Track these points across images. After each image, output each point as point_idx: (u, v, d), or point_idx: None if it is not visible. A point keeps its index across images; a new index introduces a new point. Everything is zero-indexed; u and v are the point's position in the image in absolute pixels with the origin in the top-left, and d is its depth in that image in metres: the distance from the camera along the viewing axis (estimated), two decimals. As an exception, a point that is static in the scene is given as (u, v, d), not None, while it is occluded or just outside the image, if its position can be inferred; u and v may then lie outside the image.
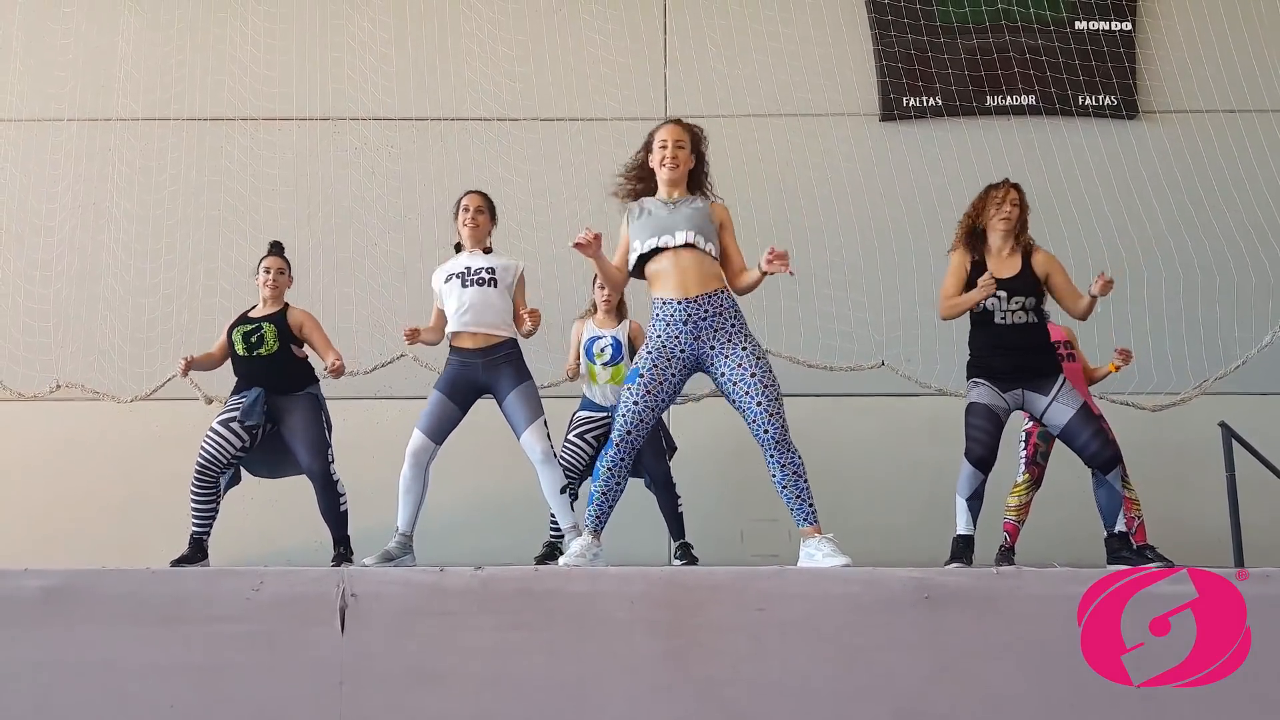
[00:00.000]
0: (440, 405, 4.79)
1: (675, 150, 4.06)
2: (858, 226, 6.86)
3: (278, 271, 5.22)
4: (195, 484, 4.97)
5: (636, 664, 3.13)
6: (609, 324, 5.58)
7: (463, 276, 4.86)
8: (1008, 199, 4.57)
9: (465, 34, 7.12)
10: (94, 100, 7.14)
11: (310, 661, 3.17)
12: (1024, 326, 4.47)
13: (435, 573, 3.27)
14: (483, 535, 6.21)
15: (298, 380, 5.09)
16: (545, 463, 4.78)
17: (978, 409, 4.46)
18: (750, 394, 3.81)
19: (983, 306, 4.48)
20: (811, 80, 7.08)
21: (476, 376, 4.82)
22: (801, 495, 3.84)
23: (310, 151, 7.12)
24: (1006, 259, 4.55)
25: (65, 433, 6.79)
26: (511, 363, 4.85)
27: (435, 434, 4.78)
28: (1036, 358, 4.48)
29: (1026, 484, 5.36)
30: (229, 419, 4.97)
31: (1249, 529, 5.37)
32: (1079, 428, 4.37)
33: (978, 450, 4.43)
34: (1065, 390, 4.44)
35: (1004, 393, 4.46)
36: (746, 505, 6.60)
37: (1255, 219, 6.68)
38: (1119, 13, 7.17)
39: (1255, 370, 6.21)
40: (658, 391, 3.88)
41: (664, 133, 4.11)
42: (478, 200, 5.05)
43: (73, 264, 7.03)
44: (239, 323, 5.16)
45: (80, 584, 3.29)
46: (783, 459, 3.82)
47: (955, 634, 3.08)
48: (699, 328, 3.90)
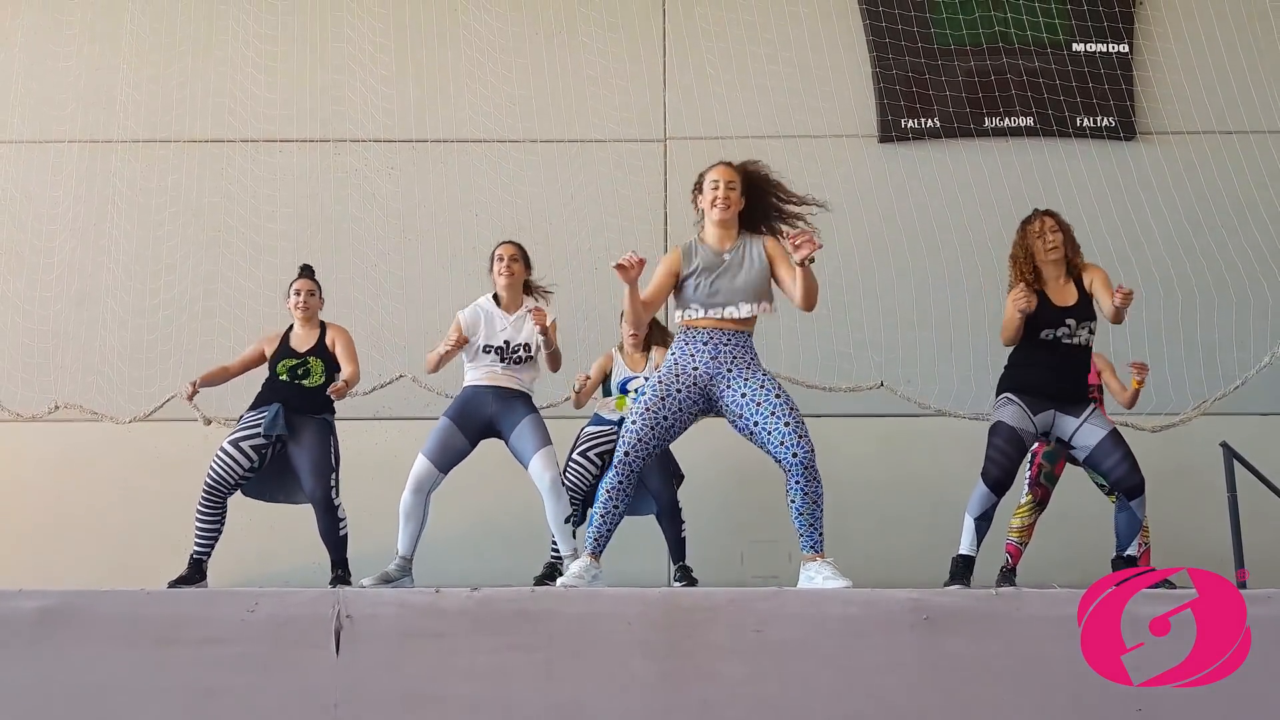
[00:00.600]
0: (449, 434, 4.80)
1: (727, 191, 3.96)
2: (856, 247, 6.86)
3: (308, 294, 5.25)
4: (202, 504, 4.97)
5: (633, 685, 3.11)
6: (639, 363, 5.51)
7: (501, 352, 4.91)
8: (1046, 228, 4.51)
9: (465, 56, 7.15)
10: (94, 122, 7.16)
11: (305, 683, 3.15)
12: (1079, 348, 4.44)
13: (431, 594, 3.26)
14: (480, 556, 6.19)
15: (319, 406, 5.12)
16: (553, 491, 4.79)
17: (1003, 430, 4.39)
18: (777, 414, 3.76)
19: (1052, 335, 4.42)
20: (810, 102, 7.10)
21: (486, 407, 4.85)
22: (816, 524, 3.80)
23: (310, 173, 7.14)
24: (1063, 287, 4.49)
25: (63, 453, 6.77)
26: (522, 399, 4.92)
27: (442, 463, 4.79)
28: (1077, 380, 4.44)
29: (1030, 505, 5.33)
30: (240, 439, 4.97)
31: (1250, 549, 5.35)
32: (1109, 450, 4.34)
33: (995, 472, 4.36)
34: (1096, 414, 4.43)
35: (1035, 414, 4.40)
36: (747, 527, 6.58)
37: (1254, 239, 6.69)
38: (1116, 35, 7.20)
39: (1256, 391, 6.19)
40: (659, 409, 3.81)
41: (714, 173, 4.00)
42: (512, 250, 5.06)
43: (72, 285, 7.03)
44: (283, 354, 5.16)
45: (75, 605, 3.28)
46: (807, 485, 3.77)
47: (954, 655, 3.06)
48: (718, 349, 3.86)
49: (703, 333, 3.89)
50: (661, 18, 7.28)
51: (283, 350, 5.21)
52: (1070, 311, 4.43)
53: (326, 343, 5.20)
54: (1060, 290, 4.49)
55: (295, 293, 5.25)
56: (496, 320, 4.99)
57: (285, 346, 5.22)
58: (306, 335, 5.22)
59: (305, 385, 5.09)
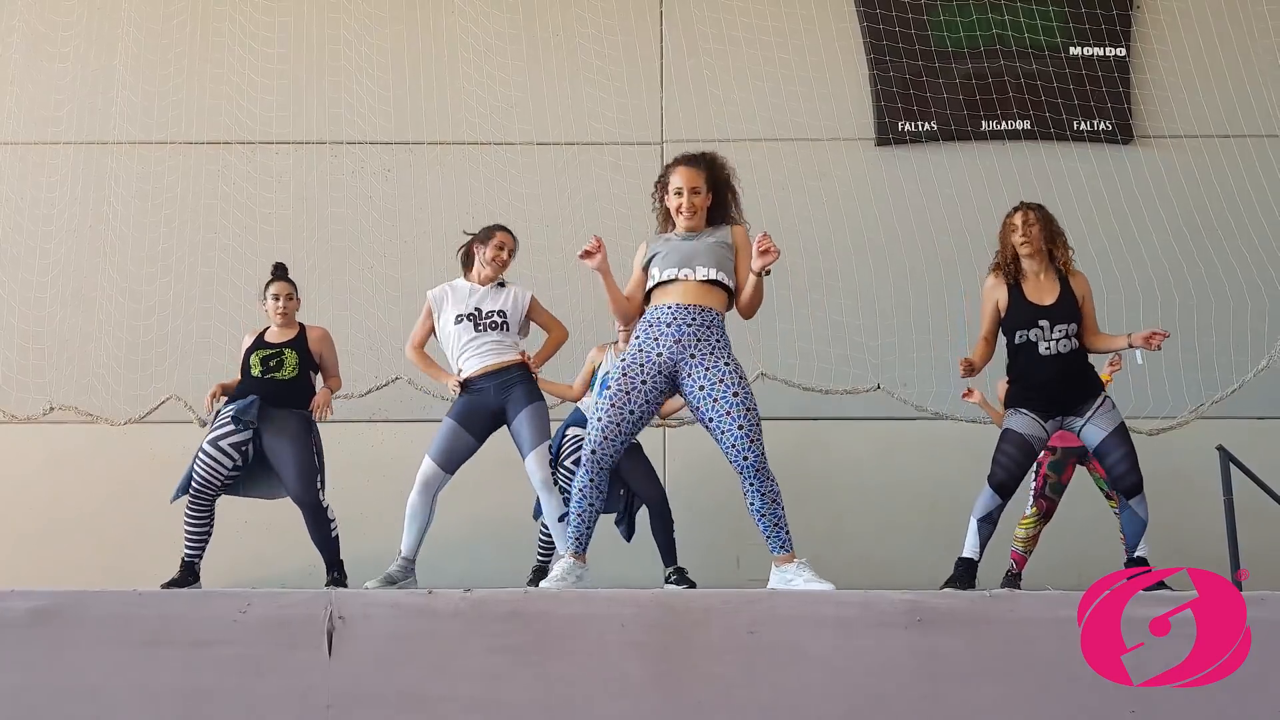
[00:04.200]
0: (454, 435, 4.75)
1: (690, 198, 3.91)
2: (853, 250, 6.87)
3: (286, 297, 5.12)
4: (190, 507, 4.94)
5: (627, 687, 3.09)
6: None
7: (474, 319, 4.84)
8: (1022, 222, 4.48)
9: (463, 59, 7.16)
10: (91, 123, 7.15)
11: (297, 685, 3.13)
12: (1067, 355, 4.37)
13: (424, 595, 3.24)
14: (475, 558, 6.18)
15: (296, 401, 5.07)
16: (545, 489, 4.77)
17: (1012, 436, 4.38)
18: (731, 415, 3.68)
19: (1025, 338, 4.39)
20: (807, 105, 7.11)
21: (489, 401, 4.79)
22: (779, 523, 3.75)
23: (308, 175, 7.14)
24: (1044, 283, 4.45)
25: (58, 455, 6.76)
26: (523, 384, 4.82)
27: (448, 464, 4.75)
28: (1077, 385, 4.40)
29: (1035, 517, 5.30)
30: (218, 437, 4.93)
31: (1246, 553, 5.34)
32: (1111, 448, 4.34)
33: (1000, 475, 4.35)
34: (1103, 411, 4.37)
35: (1044, 421, 4.39)
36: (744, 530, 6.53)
37: (1250, 243, 6.69)
38: (1113, 38, 7.20)
39: (1252, 394, 6.19)
40: (625, 404, 3.73)
41: (678, 178, 3.94)
42: (513, 243, 5.01)
43: (68, 286, 7.02)
44: (257, 347, 5.10)
45: (67, 605, 3.26)
46: (762, 486, 3.72)
47: (948, 657, 3.05)
48: (682, 332, 3.75)
49: (666, 312, 3.78)
50: (659, 21, 7.29)
51: (257, 343, 5.11)
52: (1045, 312, 4.37)
53: (310, 347, 5.11)
54: (1038, 287, 4.45)
55: (274, 298, 5.11)
56: (465, 290, 4.92)
57: (260, 341, 5.13)
58: (283, 333, 5.14)
59: (278, 378, 4.99)
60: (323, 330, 5.22)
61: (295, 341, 5.09)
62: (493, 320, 4.84)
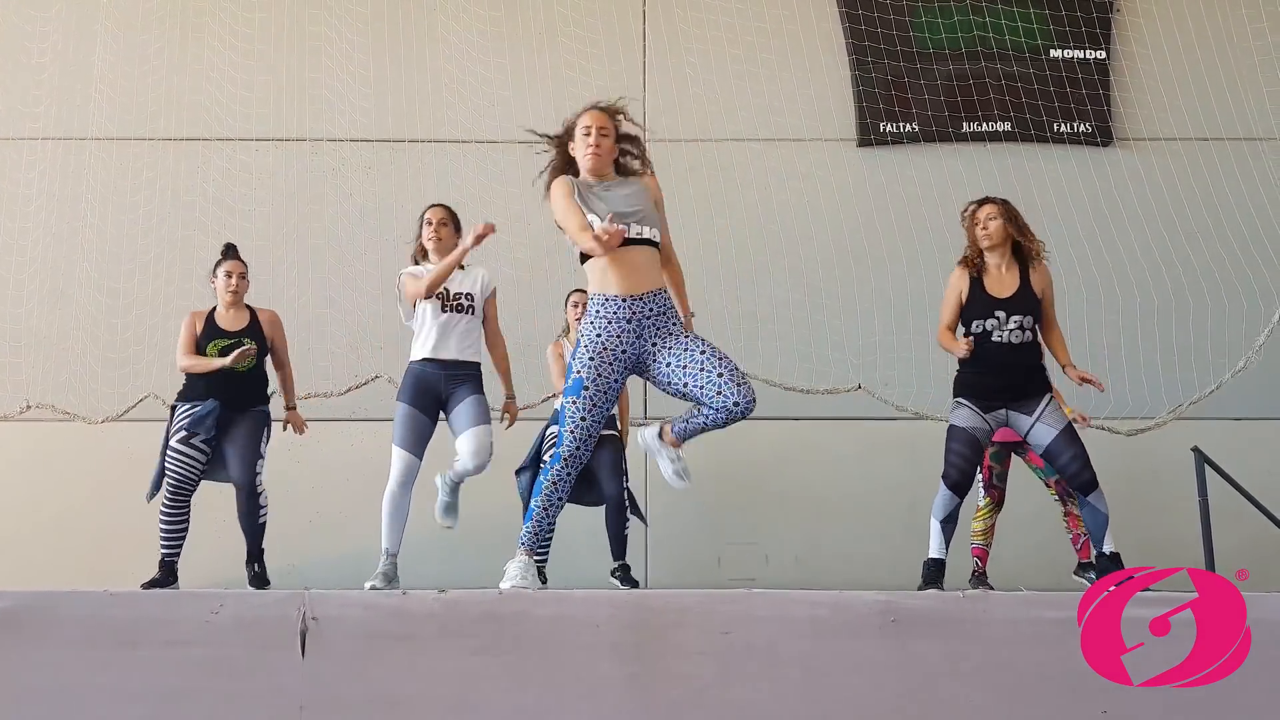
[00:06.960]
0: (413, 418, 4.73)
1: (599, 138, 3.84)
2: (835, 250, 6.88)
3: (239, 276, 5.07)
4: (167, 506, 4.93)
5: (602, 688, 3.09)
6: None
7: (442, 298, 4.79)
8: (984, 217, 4.57)
9: (444, 56, 7.13)
10: (69, 119, 7.09)
11: (270, 686, 3.11)
12: (1020, 346, 4.48)
13: (398, 596, 3.23)
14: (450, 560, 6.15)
15: (254, 397, 5.06)
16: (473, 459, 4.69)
17: (958, 433, 4.49)
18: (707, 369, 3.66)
19: (981, 328, 4.48)
20: (789, 105, 7.11)
21: (438, 386, 4.74)
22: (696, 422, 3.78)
23: (288, 173, 7.10)
24: (1004, 276, 4.54)
25: (35, 454, 6.71)
26: (472, 381, 4.79)
27: (417, 449, 4.73)
28: (1026, 377, 4.50)
29: (989, 507, 5.37)
30: (186, 436, 4.93)
31: (1221, 554, 5.38)
32: (1061, 449, 4.42)
33: (953, 475, 4.50)
34: (1050, 410, 4.46)
35: (986, 414, 4.48)
36: (724, 529, 6.57)
37: (1228, 245, 6.73)
38: (1094, 41, 7.24)
39: (1228, 396, 6.23)
40: (603, 403, 3.74)
41: (587, 118, 3.88)
42: (441, 213, 4.93)
43: (44, 283, 6.97)
44: (213, 335, 5.03)
45: (36, 606, 3.23)
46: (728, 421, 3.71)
47: (921, 657, 3.05)
48: (642, 325, 3.73)
49: (623, 307, 3.71)
50: (641, 20, 7.28)
51: (210, 330, 5.04)
52: (1001, 303, 4.46)
53: (263, 326, 5.07)
54: (999, 279, 4.54)
55: (226, 275, 5.05)
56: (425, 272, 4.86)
57: (212, 326, 5.05)
58: (235, 316, 5.09)
59: (237, 369, 4.96)
60: (273, 313, 5.19)
61: (251, 328, 5.06)
62: (459, 303, 4.79)
